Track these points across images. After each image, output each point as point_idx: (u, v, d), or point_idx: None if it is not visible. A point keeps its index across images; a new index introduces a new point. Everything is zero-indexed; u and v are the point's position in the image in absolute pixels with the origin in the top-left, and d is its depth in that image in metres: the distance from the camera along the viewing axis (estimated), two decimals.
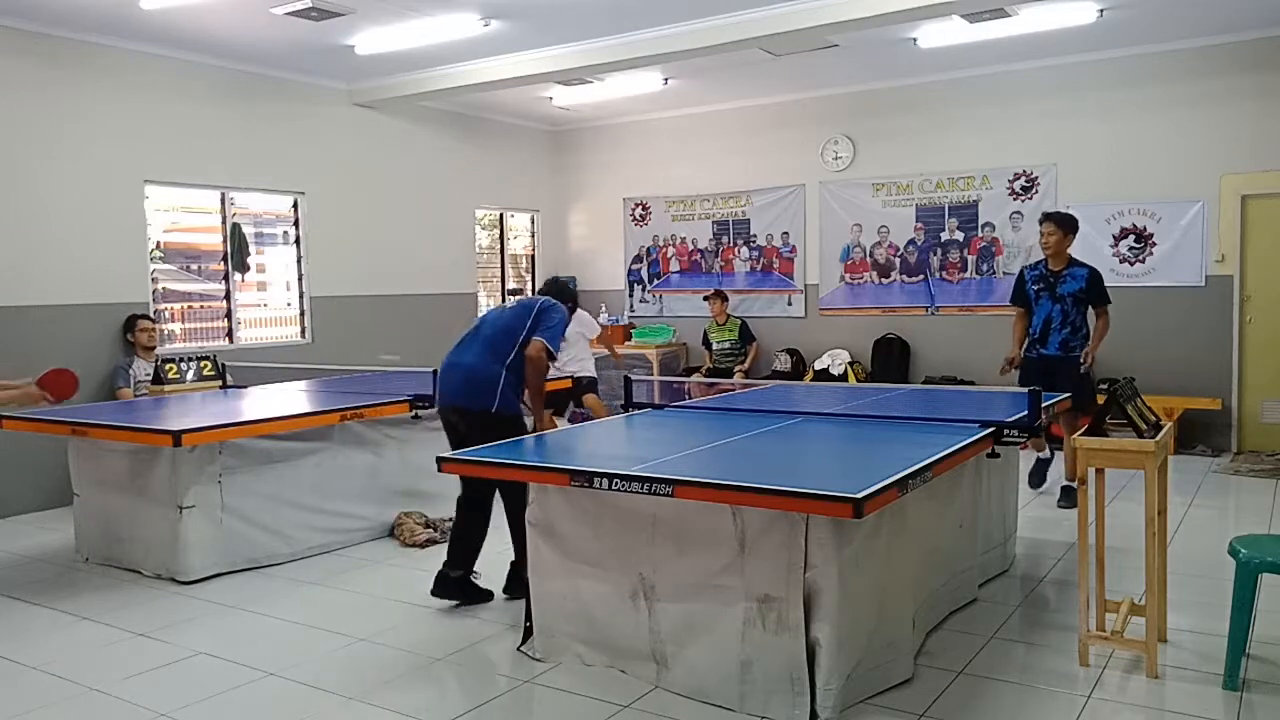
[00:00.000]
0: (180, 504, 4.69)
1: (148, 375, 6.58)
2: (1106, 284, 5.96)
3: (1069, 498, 5.67)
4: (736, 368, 9.14)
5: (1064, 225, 5.85)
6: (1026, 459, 5.57)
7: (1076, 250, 6.08)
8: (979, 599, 4.25)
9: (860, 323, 9.14)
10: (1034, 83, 8.16)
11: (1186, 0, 6.54)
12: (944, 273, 8.75)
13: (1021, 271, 6.14)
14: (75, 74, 6.64)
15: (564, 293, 4.82)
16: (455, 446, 4.22)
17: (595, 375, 7.82)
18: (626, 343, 9.88)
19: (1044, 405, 4.18)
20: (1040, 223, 6.00)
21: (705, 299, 9.45)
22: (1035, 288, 5.95)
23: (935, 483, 3.38)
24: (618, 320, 10.24)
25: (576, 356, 7.58)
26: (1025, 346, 6.03)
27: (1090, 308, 5.92)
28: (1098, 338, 5.84)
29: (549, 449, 3.88)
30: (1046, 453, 6.21)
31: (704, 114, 9.80)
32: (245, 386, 6.45)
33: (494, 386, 4.24)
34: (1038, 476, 6.19)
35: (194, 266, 7.65)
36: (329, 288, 8.36)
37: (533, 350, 4.26)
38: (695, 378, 9.02)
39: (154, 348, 6.80)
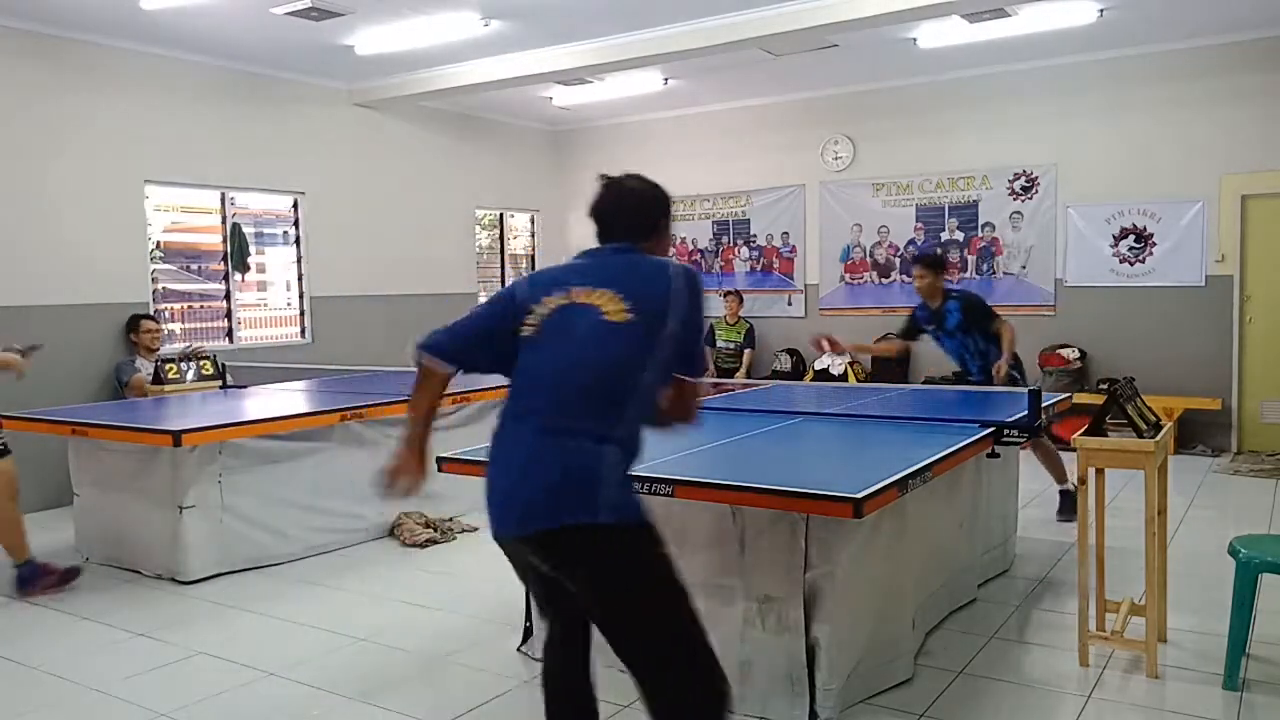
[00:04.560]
0: (180, 504, 4.69)
1: (148, 375, 6.58)
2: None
3: (1067, 511, 5.50)
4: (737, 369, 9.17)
5: (933, 266, 5.76)
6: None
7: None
8: (979, 599, 4.25)
9: (860, 323, 9.13)
10: (1034, 83, 8.15)
11: (1186, 0, 6.54)
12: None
13: (914, 311, 5.97)
14: (75, 74, 6.64)
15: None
16: (551, 603, 2.47)
17: None
18: None
19: (1044, 405, 4.18)
20: (913, 265, 5.81)
21: (723, 296, 9.42)
22: (931, 328, 5.85)
23: (935, 483, 3.38)
24: None
25: None
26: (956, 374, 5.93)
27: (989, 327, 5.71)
28: (1006, 351, 5.56)
29: None
30: (1070, 484, 5.71)
31: (704, 114, 9.80)
32: (245, 386, 6.45)
33: (592, 478, 2.18)
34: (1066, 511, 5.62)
35: (194, 266, 7.65)
36: (329, 288, 8.36)
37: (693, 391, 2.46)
38: None
39: (157, 349, 6.79)
